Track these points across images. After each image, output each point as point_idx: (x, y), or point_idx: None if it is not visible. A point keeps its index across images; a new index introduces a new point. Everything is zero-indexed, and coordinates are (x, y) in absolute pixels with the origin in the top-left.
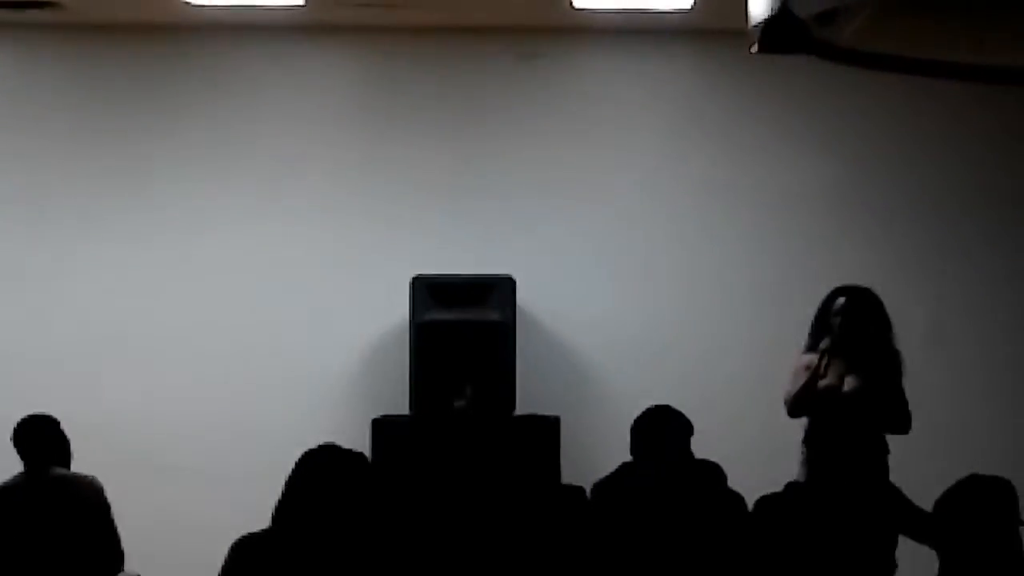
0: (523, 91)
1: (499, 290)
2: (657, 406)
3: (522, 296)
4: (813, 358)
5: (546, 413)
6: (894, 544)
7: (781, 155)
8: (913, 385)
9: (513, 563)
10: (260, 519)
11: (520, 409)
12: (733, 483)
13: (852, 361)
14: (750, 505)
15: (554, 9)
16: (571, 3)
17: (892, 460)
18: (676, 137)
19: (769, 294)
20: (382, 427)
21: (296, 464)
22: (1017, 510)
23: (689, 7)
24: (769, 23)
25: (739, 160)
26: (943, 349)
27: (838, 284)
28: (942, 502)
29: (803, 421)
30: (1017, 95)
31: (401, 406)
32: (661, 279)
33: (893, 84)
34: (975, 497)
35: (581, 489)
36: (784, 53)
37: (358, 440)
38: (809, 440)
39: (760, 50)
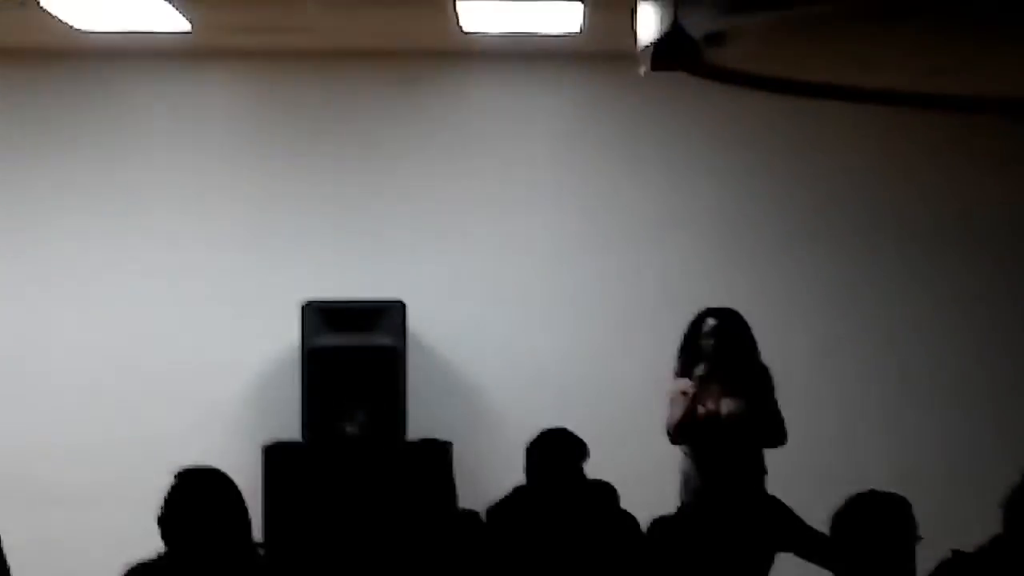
0: (412, 116)
1: (390, 315)
2: (551, 429)
3: (413, 321)
4: (687, 383)
5: (439, 438)
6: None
7: (667, 177)
8: (800, 399)
9: None
10: (148, 544)
11: (412, 434)
12: (627, 504)
13: (727, 383)
14: (644, 526)
15: (444, 33)
16: (460, 27)
17: (779, 475)
18: (565, 160)
19: (656, 313)
20: (273, 453)
21: (173, 485)
22: (914, 526)
23: (577, 30)
24: (660, 41)
25: (627, 182)
26: (829, 362)
27: (725, 302)
28: (838, 519)
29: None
30: (901, 114)
31: (293, 432)
32: (550, 301)
33: (778, 105)
34: (872, 514)
35: (476, 513)
36: (674, 70)
37: (249, 466)
38: (693, 464)
39: (652, 68)
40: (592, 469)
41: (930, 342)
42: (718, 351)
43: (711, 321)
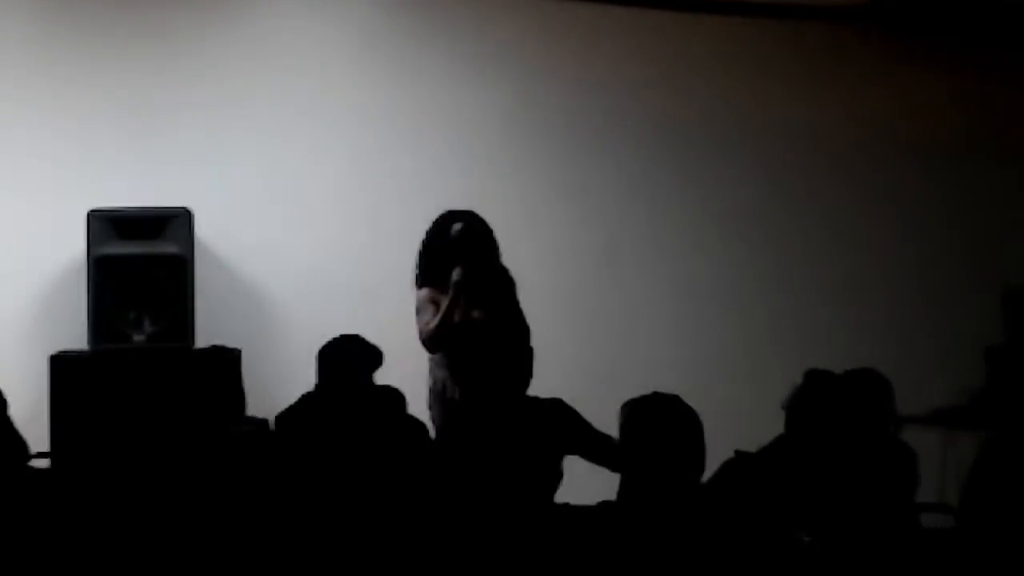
0: (200, 18)
1: (177, 223)
2: (343, 335)
3: (201, 229)
4: (432, 292)
5: (227, 345)
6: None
7: (461, 78)
8: (587, 307)
9: (195, 497)
10: None
11: (201, 342)
12: (412, 412)
13: (475, 289)
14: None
15: None
16: None
17: (575, 384)
18: (350, 65)
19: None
20: (60, 363)
21: None
22: (699, 427)
23: None
24: None
25: (419, 84)
26: (617, 271)
27: (512, 209)
28: (625, 421)
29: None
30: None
31: (80, 342)
32: (342, 208)
33: (572, 10)
34: (658, 416)
35: (265, 421)
36: None
37: (36, 376)
38: (448, 373)
39: None
40: (385, 377)
41: (708, 247)
42: (467, 257)
43: (457, 226)
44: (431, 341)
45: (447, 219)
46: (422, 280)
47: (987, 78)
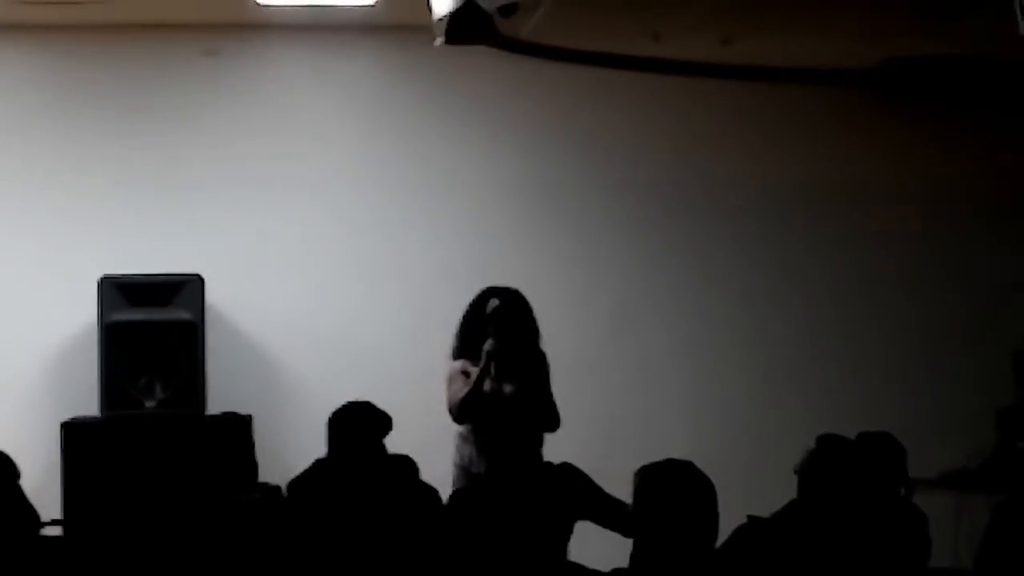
0: (210, 89)
1: (188, 289)
2: (353, 402)
3: (212, 295)
4: (467, 363)
5: (239, 411)
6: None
7: (466, 149)
8: (598, 372)
9: (210, 562)
10: None
11: (212, 409)
12: (427, 476)
13: (508, 364)
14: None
15: (240, 6)
16: (256, 0)
17: (581, 447)
18: (362, 132)
19: (461, 288)
20: (72, 430)
21: None
22: (713, 493)
23: (372, 3)
24: (455, 15)
25: (423, 155)
26: (629, 336)
27: (522, 276)
28: (638, 487)
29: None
30: (699, 86)
31: (91, 408)
32: (351, 276)
33: (576, 76)
34: (671, 482)
35: (277, 487)
36: (468, 44)
37: (48, 444)
38: (474, 447)
39: (446, 42)
40: (391, 442)
41: (715, 310)
42: (501, 332)
43: (494, 302)
44: (458, 409)
45: (486, 295)
46: (458, 353)
47: (993, 140)
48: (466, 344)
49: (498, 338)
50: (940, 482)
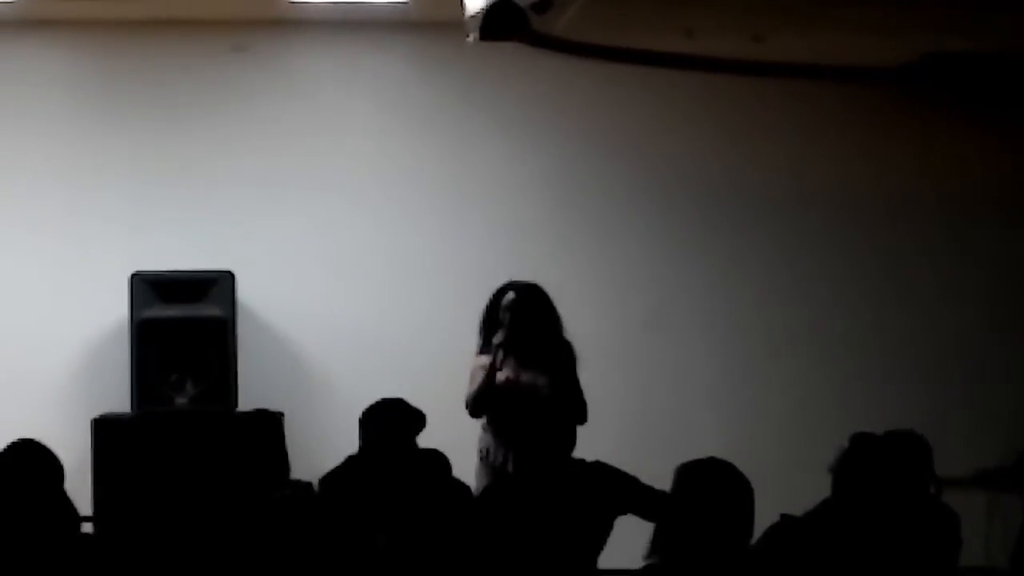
0: (239, 85)
1: (219, 285)
2: (386, 399)
3: (243, 291)
4: (488, 359)
5: (270, 408)
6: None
7: (499, 146)
8: (632, 370)
9: (242, 559)
10: None
11: (243, 405)
12: (459, 473)
13: (525, 356)
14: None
15: (270, 2)
16: None
17: (614, 445)
18: (393, 129)
19: (493, 285)
20: (103, 427)
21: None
22: (751, 498)
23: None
24: (489, 11)
25: (455, 152)
26: (660, 334)
27: (552, 273)
28: (682, 484)
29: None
30: (731, 83)
31: (122, 404)
32: (382, 273)
33: (607, 73)
34: (712, 477)
35: (309, 484)
36: (502, 40)
37: (79, 440)
38: (493, 439)
39: (480, 38)
40: (423, 438)
41: (748, 310)
42: (515, 323)
43: (510, 295)
44: (471, 404)
45: (503, 289)
46: (481, 348)
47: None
48: (488, 339)
49: (509, 330)
50: (972, 481)
